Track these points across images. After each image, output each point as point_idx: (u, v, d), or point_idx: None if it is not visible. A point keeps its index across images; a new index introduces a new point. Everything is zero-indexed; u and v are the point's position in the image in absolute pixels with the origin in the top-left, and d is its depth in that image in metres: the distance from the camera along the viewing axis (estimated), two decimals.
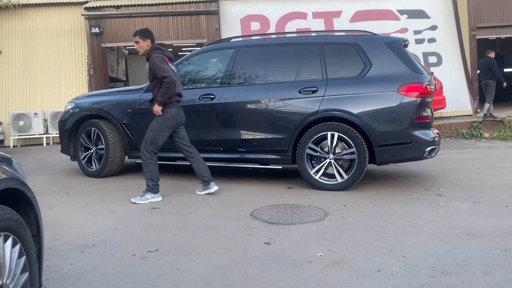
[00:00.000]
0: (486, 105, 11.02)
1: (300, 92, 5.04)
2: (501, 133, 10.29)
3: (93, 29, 10.92)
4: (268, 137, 5.15)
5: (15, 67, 11.10)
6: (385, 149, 4.81)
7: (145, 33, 4.75)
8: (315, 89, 4.99)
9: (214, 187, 4.89)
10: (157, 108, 4.63)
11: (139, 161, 5.94)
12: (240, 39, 5.90)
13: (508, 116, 10.96)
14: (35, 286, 1.98)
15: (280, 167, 5.32)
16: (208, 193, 4.88)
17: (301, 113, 4.99)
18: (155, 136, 4.70)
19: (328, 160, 4.92)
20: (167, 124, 4.70)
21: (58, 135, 6.39)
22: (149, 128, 4.74)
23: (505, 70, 15.73)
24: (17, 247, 1.84)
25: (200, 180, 4.94)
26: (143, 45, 4.72)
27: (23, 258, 1.88)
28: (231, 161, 5.44)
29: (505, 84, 11.08)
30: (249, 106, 5.25)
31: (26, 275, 1.90)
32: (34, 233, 2.08)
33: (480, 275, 2.69)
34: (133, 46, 4.96)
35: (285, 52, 5.40)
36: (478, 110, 11.83)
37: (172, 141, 4.92)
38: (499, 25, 11.95)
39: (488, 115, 10.92)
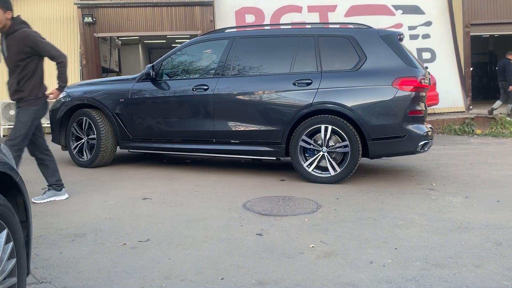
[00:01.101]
0: (509, 106, 11.17)
1: (294, 84, 5.01)
2: (493, 129, 10.36)
3: (85, 18, 10.77)
4: (261, 129, 5.12)
5: None
6: (378, 143, 4.80)
7: (6, 3, 3.94)
8: (310, 81, 4.97)
9: (65, 195, 4.34)
10: (58, 95, 4.30)
11: (133, 150, 5.90)
12: (235, 30, 5.85)
13: (500, 113, 11.05)
14: (22, 273, 1.95)
15: (274, 159, 5.28)
16: (61, 199, 4.30)
17: (295, 106, 4.97)
18: (27, 131, 4.08)
19: (321, 153, 4.90)
20: (41, 114, 4.21)
21: (49, 124, 6.29)
22: (18, 122, 4.08)
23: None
24: (4, 232, 1.80)
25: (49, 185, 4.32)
26: (2, 18, 3.92)
27: (11, 244, 1.84)
28: (224, 152, 5.40)
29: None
30: (243, 97, 5.21)
31: (13, 261, 1.86)
32: (22, 219, 2.04)
33: (471, 268, 2.69)
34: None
35: (280, 44, 5.36)
36: (471, 107, 11.89)
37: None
38: (493, 22, 11.99)
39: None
